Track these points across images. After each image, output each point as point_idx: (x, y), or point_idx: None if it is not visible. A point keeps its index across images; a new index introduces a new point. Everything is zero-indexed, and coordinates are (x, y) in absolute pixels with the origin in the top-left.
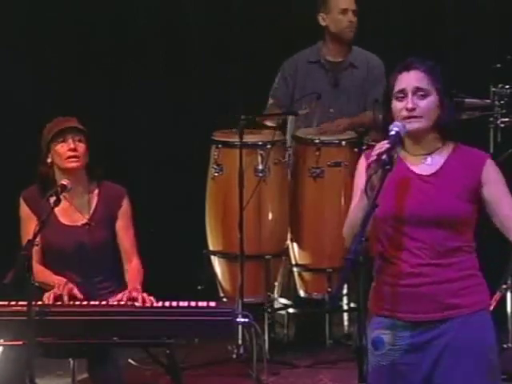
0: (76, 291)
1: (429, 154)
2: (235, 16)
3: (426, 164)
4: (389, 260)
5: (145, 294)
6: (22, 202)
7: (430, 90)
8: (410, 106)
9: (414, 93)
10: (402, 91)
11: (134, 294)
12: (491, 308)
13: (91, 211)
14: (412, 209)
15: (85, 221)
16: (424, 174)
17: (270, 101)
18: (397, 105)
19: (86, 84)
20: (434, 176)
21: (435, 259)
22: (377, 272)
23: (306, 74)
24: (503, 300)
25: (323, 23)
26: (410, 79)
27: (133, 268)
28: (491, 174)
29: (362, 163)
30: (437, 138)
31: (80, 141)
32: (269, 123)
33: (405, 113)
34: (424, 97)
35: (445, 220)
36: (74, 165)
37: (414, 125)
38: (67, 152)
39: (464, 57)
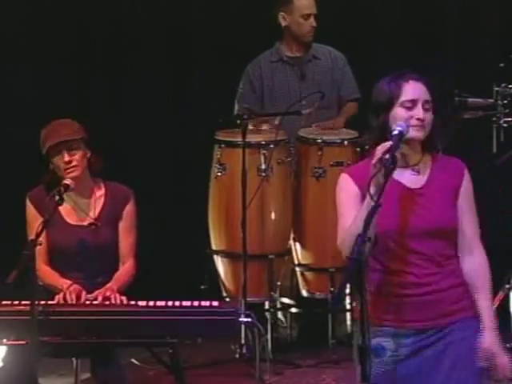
0: (83, 295)
1: (415, 166)
2: (235, 16)
3: (413, 176)
4: (392, 273)
5: (117, 295)
6: (28, 202)
7: (431, 104)
8: (422, 116)
9: (422, 105)
10: (412, 101)
11: (108, 293)
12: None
13: (97, 211)
14: (413, 223)
15: (90, 220)
16: (414, 187)
17: (237, 106)
18: (403, 113)
19: (87, 84)
20: (424, 188)
21: (438, 268)
22: (377, 285)
23: (271, 73)
24: (506, 300)
25: (284, 23)
26: (419, 90)
27: (123, 269)
28: (468, 186)
29: (346, 181)
30: (420, 150)
31: (76, 149)
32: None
33: (414, 122)
34: (428, 110)
35: (443, 230)
36: (72, 175)
37: (419, 133)
38: (64, 165)
39: (467, 56)
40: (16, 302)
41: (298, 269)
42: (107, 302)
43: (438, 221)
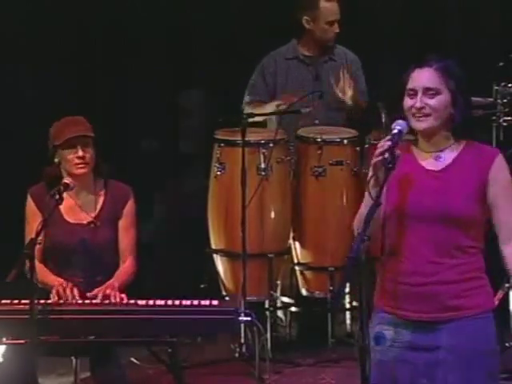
0: (75, 291)
1: (441, 151)
2: (235, 16)
3: (436, 160)
4: (395, 256)
5: (117, 293)
6: (28, 197)
7: (441, 89)
8: (418, 105)
9: (423, 92)
10: (413, 89)
11: (108, 291)
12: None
13: (97, 210)
14: (420, 204)
15: (90, 219)
16: (433, 169)
17: (247, 98)
18: (407, 101)
19: (87, 84)
20: (443, 171)
21: (441, 258)
22: (382, 268)
23: (285, 70)
24: (506, 299)
25: (307, 26)
26: (420, 78)
27: (123, 268)
28: (499, 173)
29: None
30: (448, 136)
31: (89, 146)
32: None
33: (414, 110)
34: (434, 95)
35: (452, 217)
36: (82, 171)
37: (422, 124)
38: (76, 159)
39: (467, 56)
40: (16, 301)
41: (297, 268)
42: (107, 301)
43: (447, 206)
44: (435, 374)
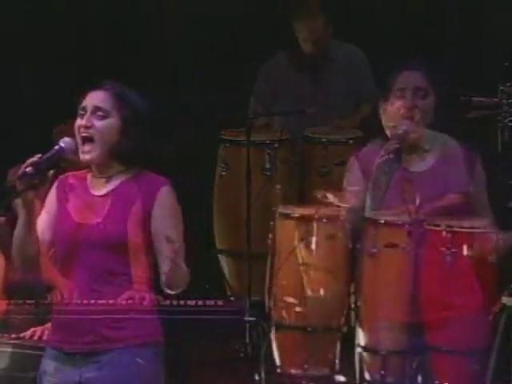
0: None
1: (420, 153)
2: (235, 16)
3: (419, 162)
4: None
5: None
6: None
7: (429, 91)
8: (408, 104)
9: (414, 92)
10: (402, 90)
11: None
12: (499, 308)
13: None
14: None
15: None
16: (419, 170)
17: (253, 100)
18: (395, 103)
19: (87, 84)
20: (429, 172)
21: None
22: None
23: (286, 75)
24: None
25: None
26: (410, 79)
27: None
28: (482, 173)
29: (353, 164)
30: (428, 138)
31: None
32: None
33: (403, 111)
34: (424, 97)
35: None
36: None
37: (410, 127)
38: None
39: (467, 55)
40: (20, 301)
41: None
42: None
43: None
44: None
